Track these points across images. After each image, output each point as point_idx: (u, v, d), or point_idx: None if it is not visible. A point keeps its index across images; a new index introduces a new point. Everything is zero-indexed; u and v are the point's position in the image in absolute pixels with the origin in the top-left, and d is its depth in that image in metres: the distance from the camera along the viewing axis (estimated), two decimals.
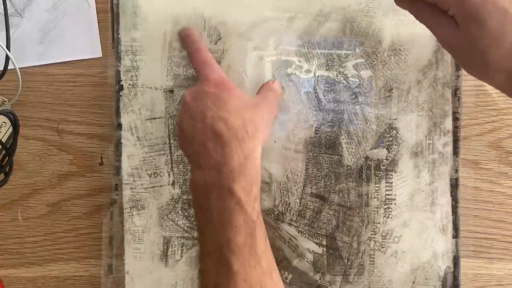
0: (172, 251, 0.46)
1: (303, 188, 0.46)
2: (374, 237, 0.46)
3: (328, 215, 0.46)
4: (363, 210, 0.46)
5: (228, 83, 0.40)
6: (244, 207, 0.36)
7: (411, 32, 0.47)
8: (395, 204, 0.46)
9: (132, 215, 0.46)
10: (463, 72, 0.46)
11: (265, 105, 0.41)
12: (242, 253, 0.35)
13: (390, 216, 0.46)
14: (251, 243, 0.36)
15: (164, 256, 0.46)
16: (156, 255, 0.46)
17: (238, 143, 0.37)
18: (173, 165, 0.46)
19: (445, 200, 0.46)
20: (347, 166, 0.46)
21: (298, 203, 0.46)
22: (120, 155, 0.46)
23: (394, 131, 0.46)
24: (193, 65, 0.43)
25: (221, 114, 0.37)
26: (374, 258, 0.46)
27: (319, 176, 0.46)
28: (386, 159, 0.46)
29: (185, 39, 0.44)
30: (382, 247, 0.46)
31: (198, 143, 0.37)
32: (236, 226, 0.35)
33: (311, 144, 0.46)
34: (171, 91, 0.46)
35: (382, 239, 0.46)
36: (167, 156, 0.46)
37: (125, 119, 0.46)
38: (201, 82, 0.40)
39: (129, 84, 0.46)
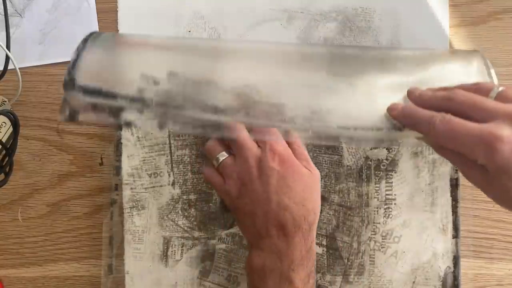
0: (172, 251, 0.46)
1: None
2: (374, 237, 0.46)
3: (328, 215, 0.46)
4: (363, 210, 0.46)
5: (292, 161, 0.39)
6: None
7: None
8: (395, 204, 0.45)
9: (132, 215, 0.46)
10: None
11: (317, 184, 0.40)
12: None
13: (390, 216, 0.46)
14: None
15: (164, 256, 0.46)
16: (156, 255, 0.46)
17: (302, 236, 0.38)
18: (173, 165, 0.46)
19: (445, 200, 0.46)
20: (347, 166, 0.46)
21: None
22: (120, 155, 0.46)
23: None
24: (256, 135, 0.40)
25: (286, 202, 0.37)
26: (374, 258, 0.46)
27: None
28: (386, 159, 0.46)
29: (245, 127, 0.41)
30: (382, 247, 0.46)
31: (261, 225, 0.38)
32: None
33: (311, 144, 0.46)
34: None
35: (382, 239, 0.46)
36: (167, 156, 0.46)
37: None
38: (266, 152, 0.38)
39: None
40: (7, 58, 0.44)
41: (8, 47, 0.44)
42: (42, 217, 0.48)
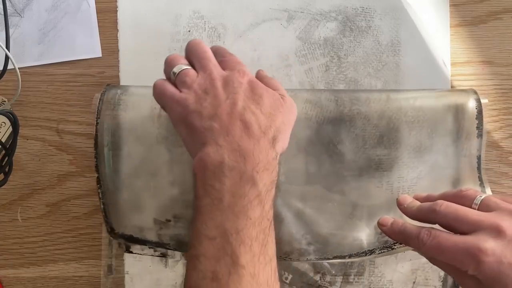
0: (171, 252, 0.46)
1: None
2: None
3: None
4: None
5: (261, 84, 0.37)
6: (263, 202, 0.33)
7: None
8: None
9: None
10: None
11: (289, 109, 0.37)
12: (252, 248, 0.32)
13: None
14: (263, 241, 0.33)
15: (164, 256, 0.46)
16: (156, 256, 0.46)
17: (268, 142, 0.35)
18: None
19: None
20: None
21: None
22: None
23: None
24: (222, 64, 0.38)
25: (253, 109, 0.35)
26: (374, 258, 0.45)
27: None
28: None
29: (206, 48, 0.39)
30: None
31: (221, 124, 0.34)
32: (251, 218, 0.33)
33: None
34: None
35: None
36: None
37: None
38: (234, 71, 0.36)
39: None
40: (7, 58, 0.44)
41: (7, 47, 0.44)
42: (42, 217, 0.48)
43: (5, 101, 0.47)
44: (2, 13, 0.46)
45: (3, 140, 0.45)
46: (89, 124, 0.48)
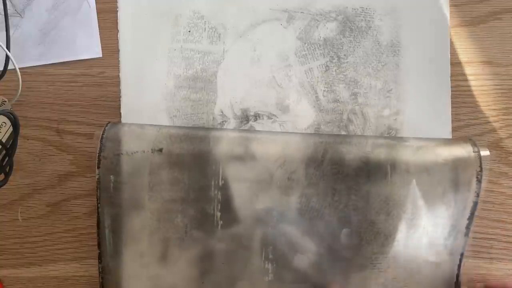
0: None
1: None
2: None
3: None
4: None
5: None
6: None
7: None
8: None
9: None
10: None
11: None
12: None
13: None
14: None
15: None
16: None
17: None
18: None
19: None
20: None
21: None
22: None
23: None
24: None
25: None
26: None
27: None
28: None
29: None
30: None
31: None
32: None
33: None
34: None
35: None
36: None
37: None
38: None
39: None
40: (7, 58, 0.44)
41: (8, 47, 0.44)
42: (42, 217, 0.48)
43: (5, 101, 0.47)
44: (3, 13, 0.46)
45: (4, 140, 0.45)
46: (89, 124, 0.48)
